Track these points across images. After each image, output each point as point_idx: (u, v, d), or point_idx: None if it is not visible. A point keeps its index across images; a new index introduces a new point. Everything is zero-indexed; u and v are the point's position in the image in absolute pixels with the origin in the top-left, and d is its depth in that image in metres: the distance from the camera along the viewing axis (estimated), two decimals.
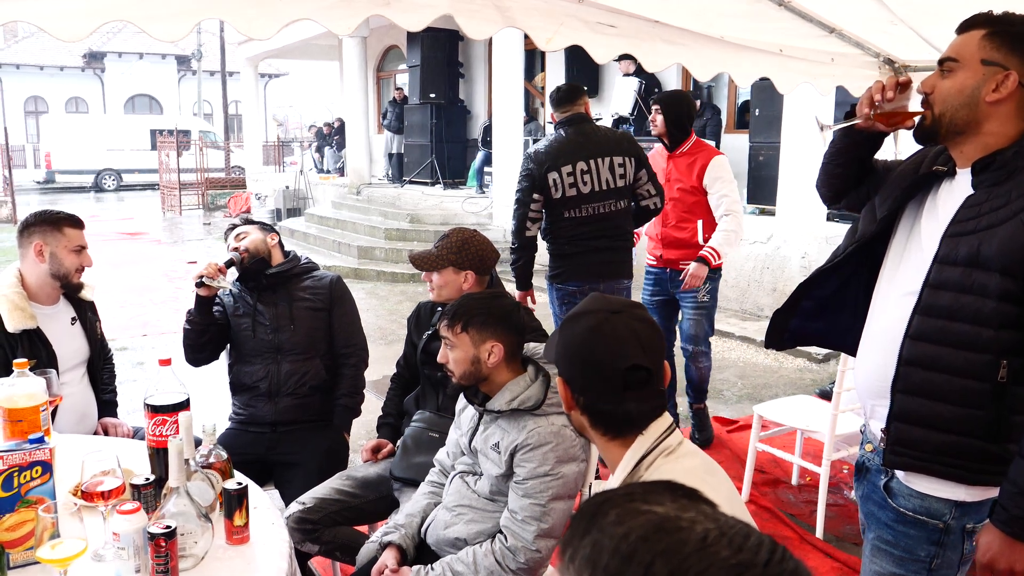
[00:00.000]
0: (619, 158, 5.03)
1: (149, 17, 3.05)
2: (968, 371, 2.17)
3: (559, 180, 4.99)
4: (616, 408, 1.91)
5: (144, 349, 8.72)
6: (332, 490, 3.48)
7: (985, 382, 2.15)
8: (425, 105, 16.92)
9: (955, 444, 2.21)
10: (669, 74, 13.92)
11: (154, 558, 2.15)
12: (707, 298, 5.70)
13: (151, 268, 14.21)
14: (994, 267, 2.11)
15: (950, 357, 2.20)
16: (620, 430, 1.93)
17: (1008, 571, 2.11)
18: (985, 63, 2.16)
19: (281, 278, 3.98)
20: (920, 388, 2.26)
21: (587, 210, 5.05)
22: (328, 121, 24.72)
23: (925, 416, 2.25)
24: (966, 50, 2.19)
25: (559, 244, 5.22)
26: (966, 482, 2.23)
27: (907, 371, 2.28)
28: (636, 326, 1.92)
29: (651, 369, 1.90)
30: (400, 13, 3.52)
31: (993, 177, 2.18)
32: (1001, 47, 2.15)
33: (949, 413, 2.21)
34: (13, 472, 2.29)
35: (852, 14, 4.39)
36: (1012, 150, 2.17)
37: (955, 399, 2.20)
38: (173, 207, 24.19)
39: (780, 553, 0.81)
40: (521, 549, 2.65)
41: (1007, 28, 2.17)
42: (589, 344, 1.92)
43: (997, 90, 2.15)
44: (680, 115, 5.51)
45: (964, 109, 2.19)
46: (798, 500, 5.12)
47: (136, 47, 40.58)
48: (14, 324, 3.47)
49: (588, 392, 1.93)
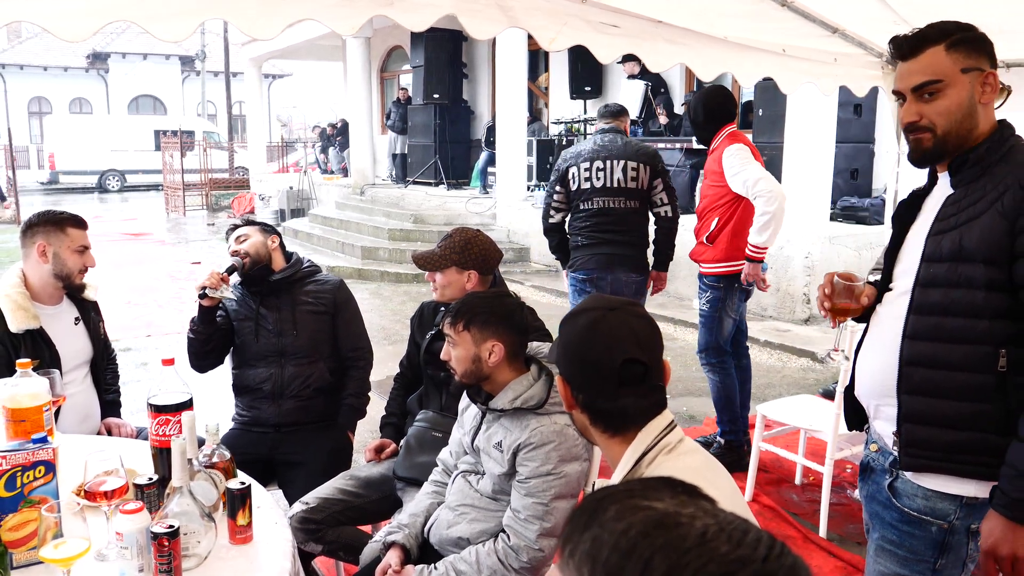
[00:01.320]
0: (634, 163, 5.55)
1: (152, 17, 3.05)
2: (967, 365, 2.20)
3: (577, 174, 5.64)
4: (613, 404, 1.91)
5: (148, 349, 8.73)
6: (335, 490, 3.48)
7: (986, 374, 2.18)
8: (429, 105, 16.91)
9: (966, 441, 2.22)
10: (673, 74, 13.93)
11: (157, 558, 2.15)
12: (706, 307, 5.51)
13: (155, 269, 14.23)
14: (978, 258, 2.16)
15: (948, 353, 2.23)
16: (619, 427, 1.93)
17: (1011, 556, 2.12)
18: (965, 71, 2.23)
19: (284, 283, 3.97)
20: (923, 387, 2.28)
21: (598, 203, 5.62)
22: (332, 122, 24.69)
23: (931, 415, 2.27)
24: (942, 67, 2.25)
25: (574, 236, 5.78)
26: (983, 478, 2.23)
27: (909, 371, 2.31)
28: (632, 322, 1.93)
29: (647, 364, 1.91)
30: (403, 13, 3.52)
31: (970, 174, 2.25)
32: (969, 53, 2.24)
33: (954, 410, 2.22)
34: (16, 472, 2.30)
35: (855, 14, 4.38)
36: (984, 146, 2.24)
37: (958, 395, 2.22)
38: (177, 208, 24.22)
39: (779, 548, 0.81)
40: (524, 548, 2.65)
41: (960, 36, 2.25)
42: (586, 341, 1.93)
43: (986, 90, 2.24)
44: (697, 114, 5.45)
45: (967, 120, 2.26)
46: (801, 499, 5.11)
47: (140, 48, 40.66)
48: (17, 324, 3.48)
49: (586, 389, 1.94)
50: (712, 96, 5.43)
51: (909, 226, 2.44)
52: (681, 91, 14.00)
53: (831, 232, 9.52)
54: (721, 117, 5.37)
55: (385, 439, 3.79)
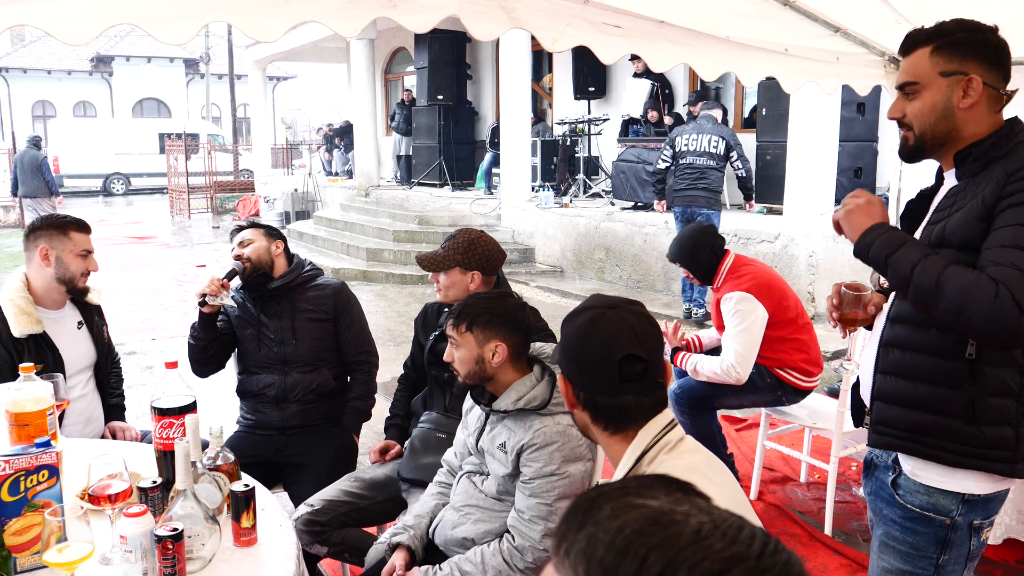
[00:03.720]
0: (715, 138, 9.12)
1: (154, 20, 3.05)
2: (937, 349, 2.26)
3: (679, 141, 9.28)
4: (615, 401, 1.92)
5: (153, 353, 8.74)
6: (340, 492, 3.48)
7: (954, 360, 2.23)
8: (433, 107, 16.93)
9: (929, 424, 2.28)
10: (676, 74, 13.93)
11: (161, 561, 2.15)
12: None
13: (160, 272, 14.24)
14: (953, 242, 2.19)
15: (921, 336, 2.29)
16: (620, 424, 1.94)
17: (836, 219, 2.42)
18: (944, 75, 2.26)
19: (283, 289, 3.95)
20: (895, 368, 2.36)
21: (689, 159, 9.15)
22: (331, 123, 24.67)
23: (900, 395, 2.34)
24: (921, 69, 2.29)
25: (674, 182, 9.32)
26: (943, 463, 2.28)
27: (884, 352, 2.39)
28: (631, 319, 1.94)
29: (646, 360, 1.91)
30: (406, 15, 3.51)
31: (972, 168, 2.27)
32: (953, 57, 2.25)
33: (921, 392, 2.29)
34: (20, 476, 2.30)
35: (857, 13, 4.38)
36: (990, 140, 2.25)
37: (927, 378, 2.28)
38: (182, 211, 24.24)
39: (773, 545, 0.81)
40: (528, 548, 2.65)
41: (949, 38, 2.26)
42: (586, 338, 1.95)
43: (966, 95, 2.25)
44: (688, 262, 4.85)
45: (942, 122, 2.29)
46: (807, 497, 5.11)
47: (144, 51, 40.71)
48: (20, 329, 3.48)
49: (587, 387, 1.95)
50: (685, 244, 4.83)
51: (917, 226, 2.45)
52: (685, 91, 14.00)
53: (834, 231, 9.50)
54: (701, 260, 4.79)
55: (389, 440, 3.79)
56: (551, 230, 13.10)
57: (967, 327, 2.08)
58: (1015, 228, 2.07)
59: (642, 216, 11.76)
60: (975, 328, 2.06)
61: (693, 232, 4.86)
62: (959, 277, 2.07)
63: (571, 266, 12.73)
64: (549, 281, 12.27)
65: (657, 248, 11.08)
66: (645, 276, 11.44)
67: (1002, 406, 2.20)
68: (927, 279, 2.11)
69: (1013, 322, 1.98)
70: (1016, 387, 2.20)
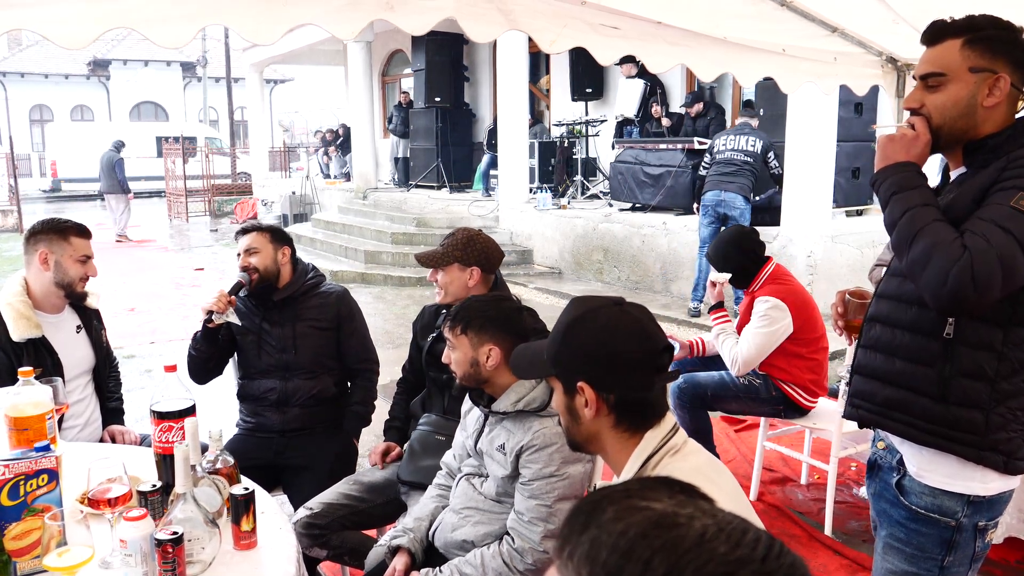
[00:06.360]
0: (752, 139, 9.38)
1: (151, 23, 3.04)
2: (916, 327, 2.27)
3: (717, 143, 9.60)
4: (646, 396, 1.90)
5: (152, 356, 8.73)
6: (339, 495, 3.48)
7: (931, 339, 2.24)
8: (430, 109, 16.90)
9: (901, 400, 2.30)
10: (674, 75, 13.93)
11: (161, 564, 2.15)
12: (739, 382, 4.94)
13: (158, 275, 14.23)
14: (948, 220, 2.18)
15: (902, 312, 2.31)
16: (645, 420, 1.91)
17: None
18: (973, 71, 2.22)
19: (287, 299, 3.94)
20: (875, 343, 2.39)
21: (727, 155, 9.41)
22: (332, 128, 24.66)
23: (878, 370, 2.37)
24: (950, 61, 2.24)
25: (708, 172, 9.60)
26: (911, 439, 2.31)
27: (868, 327, 2.43)
28: (639, 314, 1.94)
29: (672, 347, 1.93)
30: (403, 17, 3.51)
31: (983, 159, 2.24)
32: (984, 53, 2.21)
33: (897, 367, 2.32)
34: (19, 480, 2.29)
35: (854, 13, 4.38)
36: (1006, 134, 2.23)
37: (903, 354, 2.30)
38: (179, 214, 24.22)
39: (777, 548, 0.81)
40: (528, 550, 2.65)
41: (982, 34, 2.22)
42: (614, 337, 1.88)
43: (992, 94, 2.22)
44: (729, 267, 4.92)
45: (963, 118, 2.26)
46: (807, 498, 5.11)
47: (141, 54, 40.67)
48: (19, 333, 3.48)
49: (620, 385, 1.88)
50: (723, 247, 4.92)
51: None
52: (682, 91, 13.99)
53: (833, 231, 9.53)
54: (741, 264, 4.87)
55: (389, 443, 3.79)
56: (549, 231, 13.10)
57: (925, 284, 2.10)
58: (1000, 207, 2.07)
59: (640, 217, 11.75)
60: (929, 286, 2.08)
61: (735, 237, 4.95)
62: (936, 234, 2.08)
63: (569, 267, 12.73)
64: (547, 282, 12.27)
65: (655, 249, 11.08)
66: (643, 277, 11.44)
67: (973, 389, 2.19)
68: (910, 227, 2.13)
69: (962, 291, 2.01)
70: (992, 372, 2.18)
